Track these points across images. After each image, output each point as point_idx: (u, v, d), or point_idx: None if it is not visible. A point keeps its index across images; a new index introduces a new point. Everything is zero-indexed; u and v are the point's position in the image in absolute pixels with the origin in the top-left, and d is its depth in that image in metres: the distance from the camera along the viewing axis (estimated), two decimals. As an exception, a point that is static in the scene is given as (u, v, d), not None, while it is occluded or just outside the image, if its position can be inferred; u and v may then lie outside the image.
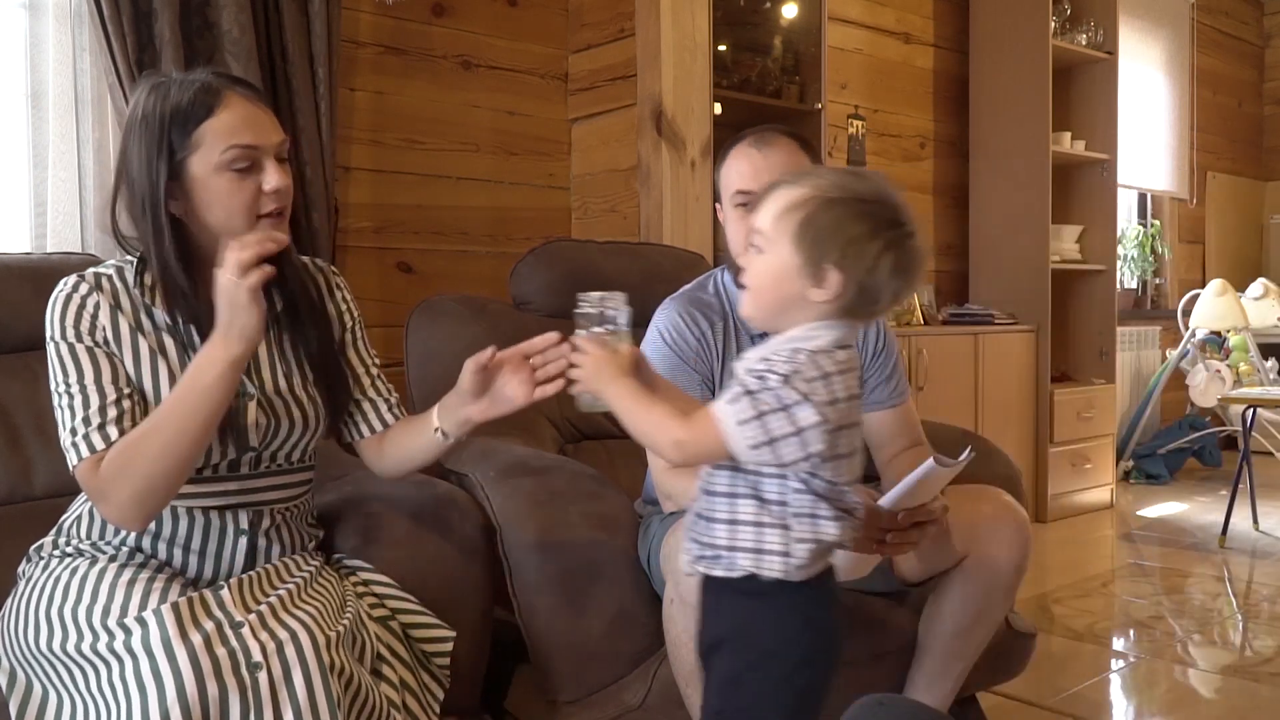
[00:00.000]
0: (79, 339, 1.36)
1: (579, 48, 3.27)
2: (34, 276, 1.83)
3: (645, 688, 1.68)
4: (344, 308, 1.60)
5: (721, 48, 3.33)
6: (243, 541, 1.44)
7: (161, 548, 1.41)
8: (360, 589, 1.49)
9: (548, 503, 1.74)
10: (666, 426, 1.23)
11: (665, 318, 1.84)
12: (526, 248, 2.57)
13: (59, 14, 2.29)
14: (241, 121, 1.36)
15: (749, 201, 1.69)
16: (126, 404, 1.35)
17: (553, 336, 1.40)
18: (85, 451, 1.31)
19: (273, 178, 1.38)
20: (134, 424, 1.34)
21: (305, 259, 1.61)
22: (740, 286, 1.84)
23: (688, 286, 1.92)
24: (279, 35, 2.44)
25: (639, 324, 1.89)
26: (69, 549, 1.42)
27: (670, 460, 1.26)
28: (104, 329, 1.37)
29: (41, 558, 1.44)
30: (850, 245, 1.17)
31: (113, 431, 1.32)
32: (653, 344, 1.83)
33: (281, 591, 1.33)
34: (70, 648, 1.25)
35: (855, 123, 4.13)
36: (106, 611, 1.25)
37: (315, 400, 1.49)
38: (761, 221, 1.23)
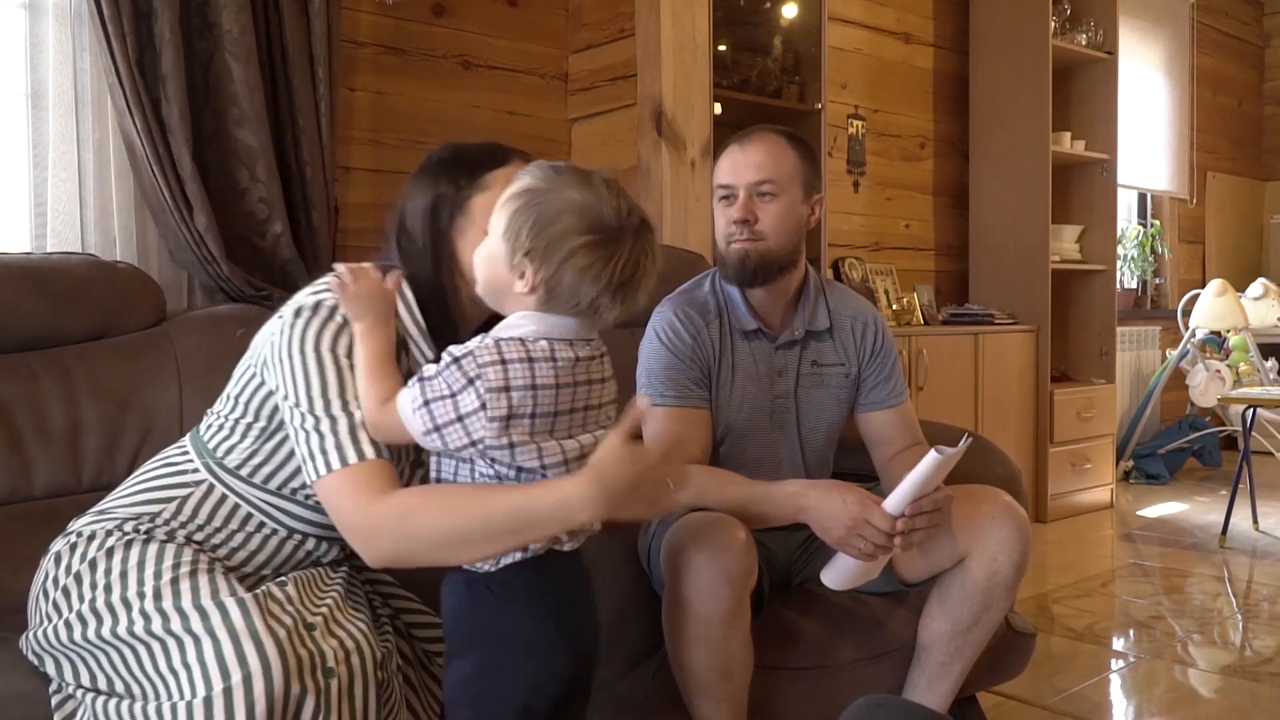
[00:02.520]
0: (335, 358, 1.28)
1: (579, 48, 3.27)
2: (34, 276, 1.83)
3: (645, 688, 1.68)
4: None
5: (721, 48, 3.33)
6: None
7: (251, 565, 1.37)
8: (365, 588, 1.49)
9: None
10: (369, 403, 1.23)
11: (661, 318, 1.84)
12: (526, 248, 2.56)
13: (59, 14, 2.29)
14: None
15: (728, 195, 1.81)
16: None
17: None
18: (353, 458, 1.22)
19: None
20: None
21: None
22: (726, 279, 1.87)
23: (683, 286, 1.92)
24: (279, 35, 2.44)
25: (638, 325, 1.91)
26: (161, 533, 1.33)
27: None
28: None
29: (95, 537, 1.32)
30: (539, 241, 1.17)
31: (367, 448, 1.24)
32: (649, 344, 1.84)
33: (329, 599, 1.31)
34: (139, 630, 1.19)
35: (855, 123, 4.13)
36: (177, 595, 1.20)
37: None
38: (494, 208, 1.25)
